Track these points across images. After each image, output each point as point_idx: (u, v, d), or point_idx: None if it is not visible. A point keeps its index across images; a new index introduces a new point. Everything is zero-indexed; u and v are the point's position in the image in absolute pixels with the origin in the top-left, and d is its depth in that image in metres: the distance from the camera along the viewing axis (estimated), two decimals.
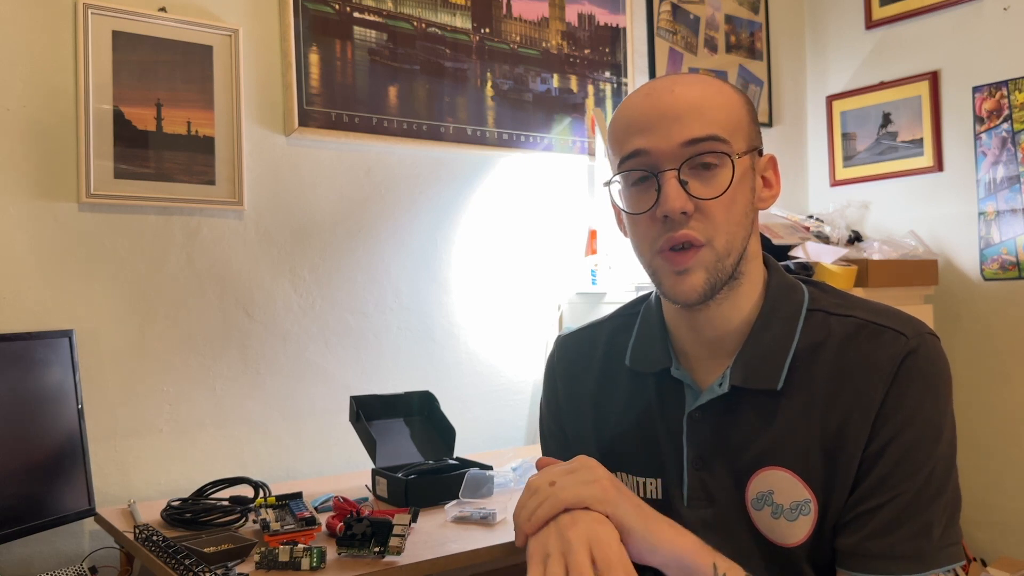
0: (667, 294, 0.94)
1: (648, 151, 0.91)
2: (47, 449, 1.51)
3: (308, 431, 1.99)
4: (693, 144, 0.89)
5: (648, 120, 0.91)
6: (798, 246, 2.20)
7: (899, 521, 0.86)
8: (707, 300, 0.92)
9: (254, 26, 1.92)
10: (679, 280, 0.91)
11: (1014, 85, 2.43)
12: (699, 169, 0.90)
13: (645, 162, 0.91)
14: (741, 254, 0.93)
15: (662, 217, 0.90)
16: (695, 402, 0.96)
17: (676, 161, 0.89)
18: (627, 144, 0.93)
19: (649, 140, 0.90)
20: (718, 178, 0.90)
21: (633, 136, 0.92)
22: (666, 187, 0.89)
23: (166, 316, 1.82)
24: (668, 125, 0.90)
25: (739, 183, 0.91)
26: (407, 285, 2.14)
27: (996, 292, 2.48)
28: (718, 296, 0.93)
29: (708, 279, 0.91)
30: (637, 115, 0.93)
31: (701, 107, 0.90)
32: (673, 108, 0.90)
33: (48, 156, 1.70)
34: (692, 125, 0.89)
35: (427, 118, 2.13)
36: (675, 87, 0.92)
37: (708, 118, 0.90)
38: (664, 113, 0.90)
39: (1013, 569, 2.31)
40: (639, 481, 1.01)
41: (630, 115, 0.94)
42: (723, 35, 2.77)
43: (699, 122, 0.90)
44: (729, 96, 0.94)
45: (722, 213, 0.90)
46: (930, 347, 0.90)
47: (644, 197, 0.92)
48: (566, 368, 1.12)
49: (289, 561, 1.24)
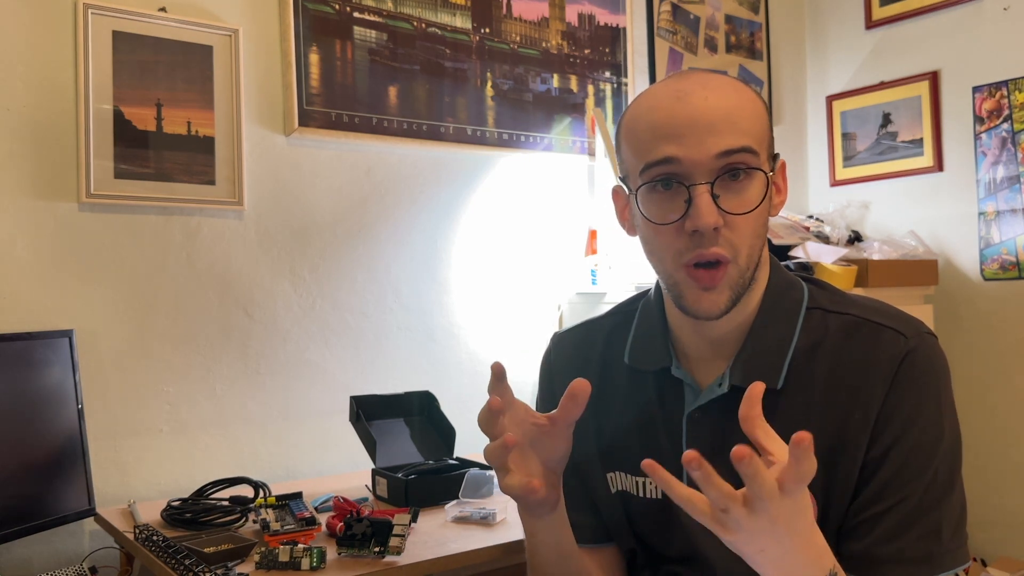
0: (688, 308, 0.92)
1: (679, 159, 0.87)
2: (47, 449, 1.51)
3: (308, 431, 1.99)
4: (726, 155, 0.87)
5: (679, 127, 0.88)
6: (798, 246, 2.20)
7: (907, 524, 0.85)
8: (726, 314, 0.91)
9: (254, 26, 1.92)
10: (703, 296, 0.89)
11: (1014, 85, 2.43)
12: (728, 181, 0.88)
13: (674, 170, 0.88)
14: (758, 263, 0.92)
15: (691, 231, 0.87)
16: (695, 402, 0.96)
17: (709, 174, 0.87)
18: (654, 150, 0.89)
19: (680, 149, 0.87)
20: (749, 191, 0.88)
21: (661, 141, 0.88)
22: (698, 201, 0.86)
23: (166, 316, 1.82)
24: (701, 135, 0.87)
25: (766, 196, 0.90)
26: (407, 285, 2.13)
27: (996, 292, 2.48)
28: None
29: (732, 296, 0.90)
30: (665, 118, 0.89)
31: (734, 117, 0.88)
32: (706, 116, 0.87)
33: (48, 156, 1.70)
34: (726, 136, 0.87)
35: (427, 118, 2.13)
36: (708, 93, 0.89)
37: (741, 128, 0.88)
38: (697, 121, 0.87)
39: (1013, 569, 2.31)
40: (638, 481, 1.01)
41: (656, 117, 0.90)
42: (723, 35, 2.77)
43: (733, 133, 0.87)
44: (756, 103, 0.91)
45: (750, 227, 0.89)
46: (929, 346, 0.90)
47: (670, 207, 0.89)
48: (564, 366, 1.11)
49: (289, 561, 1.24)
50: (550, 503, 0.92)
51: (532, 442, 0.89)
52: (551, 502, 0.92)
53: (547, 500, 0.91)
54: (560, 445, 0.89)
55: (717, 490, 0.70)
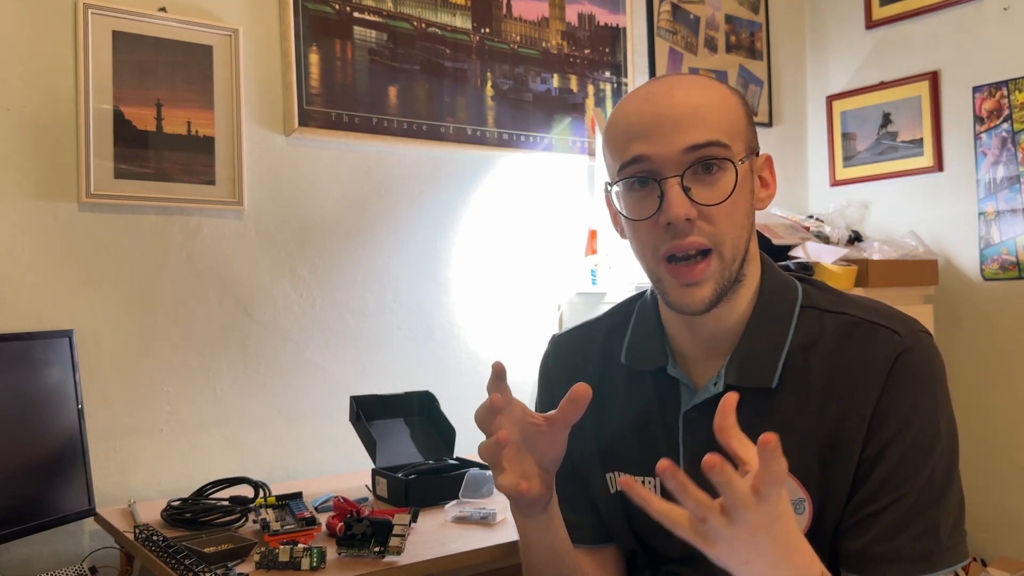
0: (673, 304, 0.93)
1: (649, 157, 0.90)
2: (47, 449, 1.51)
3: (308, 431, 1.99)
4: (695, 150, 0.88)
5: (647, 125, 0.90)
6: (798, 246, 2.20)
7: (904, 523, 0.85)
8: (712, 309, 0.92)
9: (254, 26, 1.92)
10: (686, 292, 0.91)
11: (1014, 85, 2.43)
12: (701, 174, 0.89)
13: (646, 168, 0.90)
14: (744, 257, 0.93)
15: (665, 224, 0.89)
16: (691, 401, 0.97)
17: (678, 167, 0.89)
18: (627, 150, 0.92)
19: (650, 146, 0.89)
20: (720, 183, 0.90)
21: (633, 142, 0.91)
22: (669, 194, 0.88)
23: (166, 316, 1.82)
24: (669, 131, 0.89)
25: (740, 187, 0.90)
26: (407, 285, 2.14)
27: (996, 292, 2.48)
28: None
29: (716, 289, 0.91)
30: (636, 120, 0.92)
31: (701, 112, 0.90)
32: (673, 113, 0.89)
33: (48, 156, 1.70)
34: (693, 131, 0.89)
35: (427, 118, 2.13)
36: (674, 91, 0.91)
37: (709, 123, 0.89)
38: (664, 118, 0.90)
39: (1013, 569, 2.31)
40: (636, 480, 1.01)
41: (628, 120, 0.93)
42: (723, 35, 2.77)
43: (700, 128, 0.89)
44: (727, 99, 0.93)
45: (726, 218, 0.90)
46: (924, 345, 0.90)
47: (646, 203, 0.91)
48: (563, 367, 1.11)
49: (289, 561, 1.24)
50: (542, 503, 0.93)
51: (527, 441, 0.91)
52: (543, 502, 0.93)
53: (539, 500, 0.92)
54: (555, 447, 0.90)
55: (693, 500, 0.69)
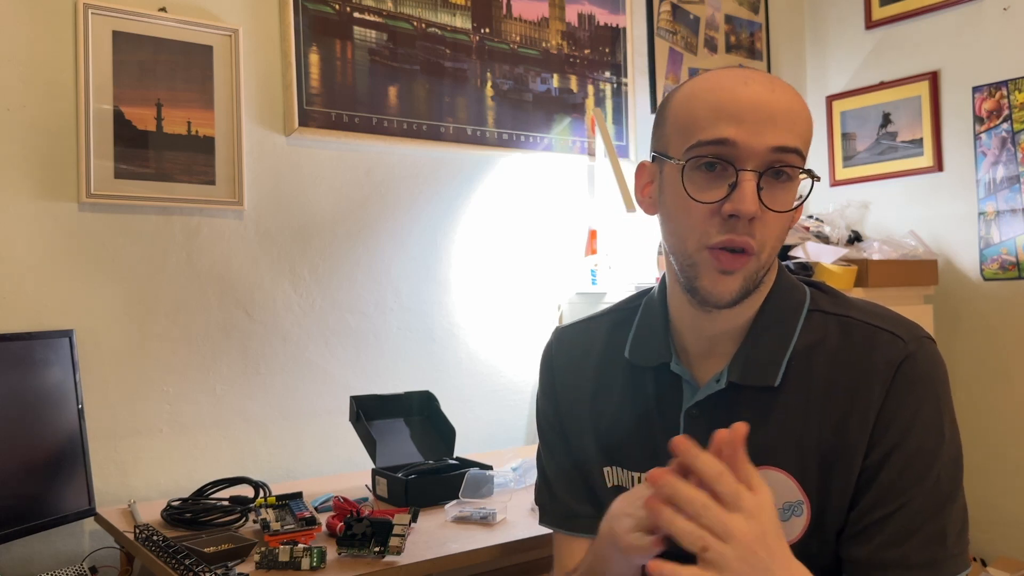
0: (701, 290, 0.91)
1: (736, 143, 0.87)
2: (47, 449, 1.51)
3: (308, 431, 1.99)
4: (780, 152, 0.87)
5: (743, 111, 0.87)
6: (798, 246, 2.20)
7: (911, 530, 0.85)
8: (734, 305, 0.91)
9: (254, 26, 1.92)
10: (720, 279, 0.89)
11: (1014, 85, 2.43)
12: (772, 178, 0.88)
13: (727, 153, 0.87)
14: (771, 265, 0.93)
15: (727, 215, 0.87)
16: (693, 398, 0.96)
17: (760, 164, 0.87)
18: (712, 129, 0.88)
19: (740, 132, 0.87)
20: (788, 192, 0.89)
21: (722, 122, 0.87)
22: (745, 186, 0.86)
23: (166, 316, 1.82)
24: (762, 124, 0.87)
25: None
26: (407, 285, 2.14)
27: (996, 292, 2.48)
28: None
29: (744, 287, 0.90)
30: (730, 100, 0.88)
31: (794, 116, 0.89)
32: (770, 107, 0.87)
33: (48, 156, 1.70)
34: (784, 132, 0.87)
35: (427, 118, 2.13)
36: (774, 85, 0.90)
37: (798, 129, 0.89)
38: (760, 109, 0.87)
39: (1013, 569, 2.31)
40: (634, 476, 1.01)
41: (722, 98, 0.89)
42: (723, 35, 2.77)
43: (791, 131, 0.88)
44: (810, 114, 0.93)
45: (777, 227, 0.90)
46: (927, 351, 0.90)
47: (713, 187, 0.89)
48: (565, 359, 1.11)
49: (289, 561, 1.24)
50: (652, 554, 0.90)
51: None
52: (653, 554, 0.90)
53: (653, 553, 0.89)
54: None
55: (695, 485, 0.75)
